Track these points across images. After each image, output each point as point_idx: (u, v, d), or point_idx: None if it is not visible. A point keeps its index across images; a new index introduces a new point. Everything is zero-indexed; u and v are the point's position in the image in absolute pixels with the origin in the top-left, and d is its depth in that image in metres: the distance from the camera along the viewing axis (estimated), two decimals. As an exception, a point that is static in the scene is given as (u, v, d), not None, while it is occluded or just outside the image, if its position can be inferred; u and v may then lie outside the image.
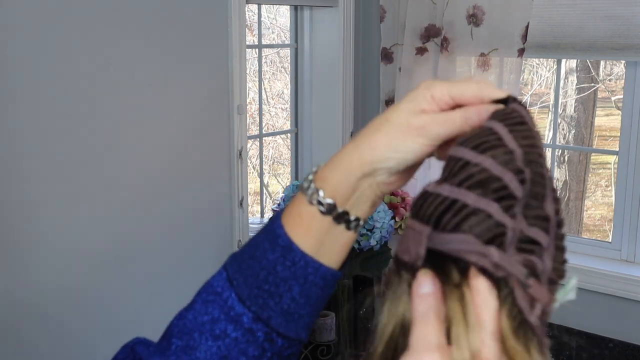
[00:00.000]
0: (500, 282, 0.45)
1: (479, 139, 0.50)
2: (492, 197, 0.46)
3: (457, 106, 0.56)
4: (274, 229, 0.61)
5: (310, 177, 0.61)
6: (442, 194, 0.48)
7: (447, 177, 0.49)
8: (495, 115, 0.52)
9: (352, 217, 0.60)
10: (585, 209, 6.25)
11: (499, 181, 0.47)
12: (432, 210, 0.47)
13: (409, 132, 0.56)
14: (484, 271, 0.45)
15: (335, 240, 0.60)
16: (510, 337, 0.44)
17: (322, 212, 0.59)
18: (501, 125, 0.51)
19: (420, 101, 0.57)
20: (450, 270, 0.46)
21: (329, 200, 0.59)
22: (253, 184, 5.15)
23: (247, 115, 2.33)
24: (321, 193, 0.59)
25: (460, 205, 0.46)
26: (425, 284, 0.46)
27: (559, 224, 0.51)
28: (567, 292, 0.49)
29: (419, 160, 0.58)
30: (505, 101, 0.55)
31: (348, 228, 0.60)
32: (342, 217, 0.59)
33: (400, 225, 2.33)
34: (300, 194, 0.61)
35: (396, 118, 0.57)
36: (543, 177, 0.50)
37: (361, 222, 0.60)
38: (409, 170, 0.60)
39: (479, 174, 0.47)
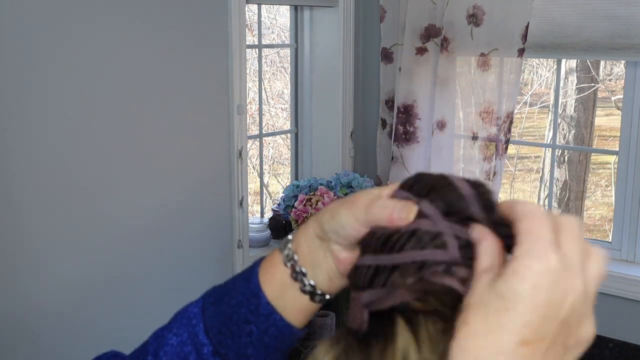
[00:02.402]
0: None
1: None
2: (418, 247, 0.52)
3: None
4: (251, 272, 0.63)
5: (294, 232, 0.63)
6: (366, 263, 0.54)
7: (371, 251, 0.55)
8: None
9: (309, 281, 0.60)
10: (585, 209, 6.25)
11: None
12: (363, 277, 0.53)
13: (345, 204, 0.58)
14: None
15: (292, 299, 0.61)
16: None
17: (284, 263, 0.61)
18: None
19: (385, 187, 0.58)
20: (393, 317, 0.51)
21: (293, 255, 0.61)
22: (253, 184, 5.15)
23: (247, 115, 2.33)
24: (290, 245, 0.61)
25: (383, 267, 0.53)
26: (476, 233, 0.49)
27: (497, 222, 0.51)
28: None
29: (350, 235, 0.57)
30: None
31: (303, 291, 0.60)
32: (298, 275, 0.60)
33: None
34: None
35: (357, 193, 0.59)
36: (461, 198, 0.53)
37: (319, 292, 0.60)
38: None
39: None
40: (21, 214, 1.76)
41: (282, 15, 5.80)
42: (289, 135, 2.94)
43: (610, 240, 2.38)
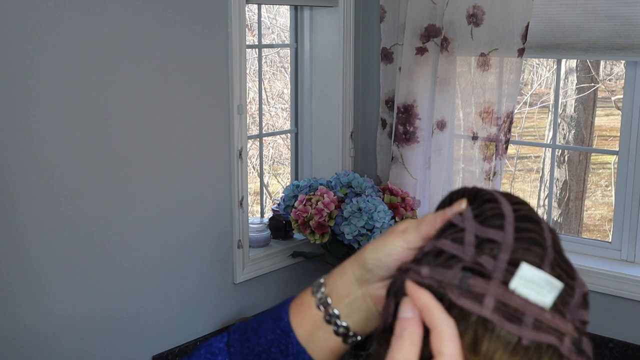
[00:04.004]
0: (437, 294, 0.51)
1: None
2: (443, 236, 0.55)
3: None
4: (280, 311, 0.64)
5: (326, 276, 0.65)
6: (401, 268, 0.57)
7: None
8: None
9: (342, 322, 0.62)
10: (585, 209, 6.25)
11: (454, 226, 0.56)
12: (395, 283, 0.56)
13: (390, 235, 0.60)
14: (419, 285, 0.52)
15: (324, 340, 0.62)
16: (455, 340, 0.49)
17: (317, 306, 0.62)
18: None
19: (422, 218, 0.60)
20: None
21: (327, 298, 0.62)
22: (253, 184, 5.15)
23: (247, 115, 2.33)
24: (323, 289, 0.63)
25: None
26: (406, 310, 0.50)
27: (519, 218, 0.53)
28: (520, 279, 0.50)
29: (394, 266, 0.60)
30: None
31: (337, 333, 0.62)
32: (332, 318, 0.62)
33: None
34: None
35: (392, 227, 0.62)
36: (492, 196, 0.56)
37: (351, 333, 0.62)
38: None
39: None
40: (18, 217, 1.76)
41: (282, 15, 5.80)
42: (289, 135, 2.94)
43: (610, 240, 2.38)
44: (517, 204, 0.55)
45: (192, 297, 2.19)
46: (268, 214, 2.73)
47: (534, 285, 0.50)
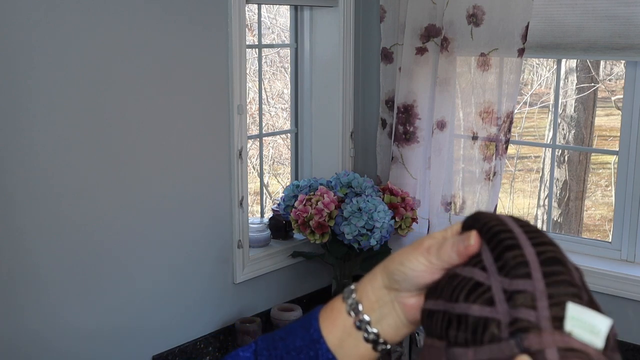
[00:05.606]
0: None
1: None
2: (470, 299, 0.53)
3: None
4: (310, 318, 0.64)
5: (356, 283, 0.64)
6: (440, 309, 0.55)
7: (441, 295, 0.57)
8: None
9: (373, 329, 0.61)
10: (585, 209, 6.25)
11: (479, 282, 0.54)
12: (439, 326, 0.54)
13: (416, 250, 0.59)
14: None
15: (354, 348, 0.62)
16: None
17: (347, 312, 0.62)
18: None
19: (444, 242, 0.59)
20: None
21: (357, 304, 0.62)
22: (253, 184, 5.15)
23: (247, 115, 2.33)
24: (354, 295, 0.63)
25: (451, 316, 0.54)
26: None
27: (545, 262, 0.52)
28: (572, 320, 0.48)
29: (421, 282, 0.59)
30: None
31: (367, 340, 0.62)
32: (362, 324, 0.62)
33: (400, 225, 2.33)
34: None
35: (422, 238, 0.61)
36: (513, 240, 0.53)
37: (381, 340, 0.62)
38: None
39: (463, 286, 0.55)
40: (18, 217, 1.76)
41: (282, 15, 5.79)
42: (289, 135, 2.94)
43: (610, 240, 2.38)
44: (541, 244, 0.53)
45: (193, 297, 2.19)
46: (268, 214, 2.73)
47: (585, 324, 0.48)
